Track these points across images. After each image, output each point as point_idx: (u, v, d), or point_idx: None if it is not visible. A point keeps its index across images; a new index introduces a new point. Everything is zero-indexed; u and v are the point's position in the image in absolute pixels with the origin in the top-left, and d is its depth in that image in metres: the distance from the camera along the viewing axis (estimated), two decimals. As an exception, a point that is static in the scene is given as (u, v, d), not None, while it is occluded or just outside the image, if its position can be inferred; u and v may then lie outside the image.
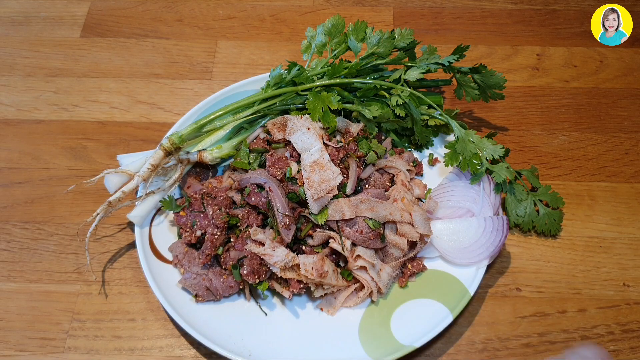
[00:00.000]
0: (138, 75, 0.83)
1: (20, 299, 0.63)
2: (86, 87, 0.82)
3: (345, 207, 0.58)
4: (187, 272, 0.60)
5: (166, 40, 0.87)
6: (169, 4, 0.92)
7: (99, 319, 0.62)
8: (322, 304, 0.60)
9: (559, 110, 0.80)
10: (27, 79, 0.83)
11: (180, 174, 0.65)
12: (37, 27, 0.89)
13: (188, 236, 0.60)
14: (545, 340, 0.61)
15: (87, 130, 0.77)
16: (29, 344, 0.60)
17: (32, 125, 0.78)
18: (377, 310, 0.60)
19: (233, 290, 0.59)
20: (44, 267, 0.66)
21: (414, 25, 0.90)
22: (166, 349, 0.60)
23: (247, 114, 0.68)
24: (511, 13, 0.92)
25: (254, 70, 0.84)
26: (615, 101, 0.81)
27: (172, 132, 0.67)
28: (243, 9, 0.92)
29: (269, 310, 0.60)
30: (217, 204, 0.61)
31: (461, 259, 0.61)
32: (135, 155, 0.67)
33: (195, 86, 0.82)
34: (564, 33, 0.89)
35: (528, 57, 0.86)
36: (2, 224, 0.69)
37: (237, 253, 0.58)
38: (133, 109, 0.80)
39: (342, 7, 0.92)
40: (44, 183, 0.72)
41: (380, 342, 0.57)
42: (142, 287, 0.64)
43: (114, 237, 0.68)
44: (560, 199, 0.67)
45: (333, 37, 0.71)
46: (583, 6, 0.93)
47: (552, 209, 0.67)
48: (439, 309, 0.58)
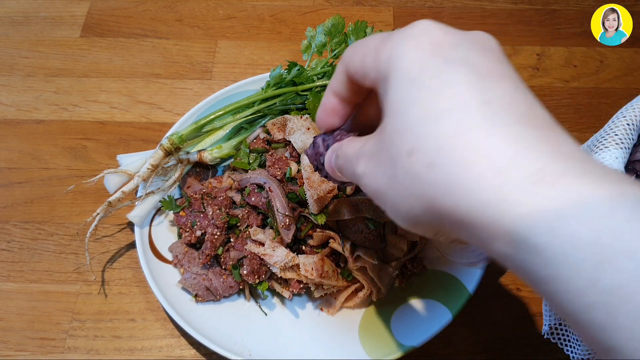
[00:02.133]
0: (138, 75, 0.83)
1: (20, 299, 0.63)
2: (86, 87, 0.82)
3: (346, 208, 0.58)
4: (187, 272, 0.60)
5: (166, 40, 0.87)
6: (168, 4, 0.92)
7: (98, 319, 0.62)
8: (322, 304, 0.60)
9: (559, 110, 0.80)
10: (27, 79, 0.83)
11: (180, 174, 0.65)
12: (37, 27, 0.89)
13: (188, 236, 0.60)
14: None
15: (87, 130, 0.77)
16: (28, 344, 0.60)
17: (32, 125, 0.78)
18: (377, 311, 0.60)
19: (233, 290, 0.59)
20: (43, 267, 0.66)
21: (414, 25, 0.90)
22: (166, 349, 0.60)
23: (247, 114, 0.68)
24: (511, 13, 0.92)
25: (254, 70, 0.84)
26: (616, 101, 0.80)
27: (172, 132, 0.66)
28: (243, 9, 0.92)
29: (269, 310, 0.60)
30: (217, 204, 0.61)
31: (461, 259, 0.61)
32: (135, 155, 0.67)
33: (195, 86, 0.82)
34: (564, 33, 0.89)
35: (528, 57, 0.86)
36: (2, 224, 0.69)
37: (237, 253, 0.58)
38: (133, 109, 0.79)
39: (342, 7, 0.92)
40: (43, 183, 0.72)
41: (380, 342, 0.57)
42: (142, 287, 0.64)
43: (114, 237, 0.68)
44: (560, 199, 0.67)
45: (333, 37, 0.71)
46: (583, 6, 0.93)
47: (552, 209, 0.67)
48: (439, 309, 0.58)
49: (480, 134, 0.26)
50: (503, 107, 0.26)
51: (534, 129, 0.26)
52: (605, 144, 0.47)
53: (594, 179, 0.24)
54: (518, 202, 0.24)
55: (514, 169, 0.24)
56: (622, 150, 0.46)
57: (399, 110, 0.29)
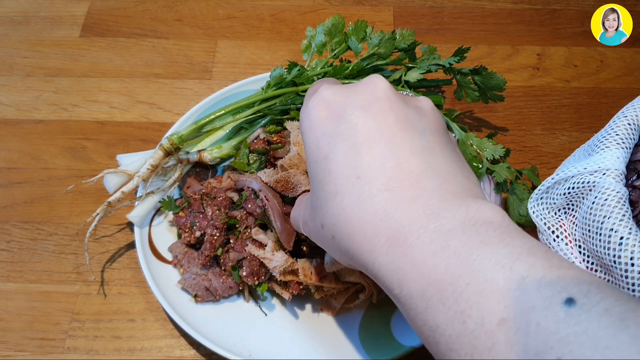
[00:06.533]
0: (138, 75, 0.83)
1: (19, 299, 0.63)
2: (86, 87, 0.82)
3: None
4: (187, 272, 0.60)
5: (166, 40, 0.87)
6: (168, 4, 0.92)
7: (98, 319, 0.62)
8: (322, 304, 0.60)
9: (560, 110, 0.80)
10: (26, 79, 0.83)
11: (180, 174, 0.65)
12: (36, 26, 0.89)
13: (187, 237, 0.60)
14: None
15: (86, 130, 0.77)
16: (28, 344, 0.60)
17: (31, 125, 0.78)
18: (378, 311, 0.60)
19: (232, 291, 0.59)
20: (43, 267, 0.66)
21: (414, 25, 0.90)
22: (166, 350, 0.60)
23: (247, 114, 0.68)
24: (511, 13, 0.92)
25: (254, 70, 0.84)
26: (616, 101, 0.80)
27: (171, 132, 0.66)
28: (243, 8, 0.92)
29: (268, 310, 0.60)
30: (216, 204, 0.60)
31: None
32: (135, 155, 0.67)
33: (195, 86, 0.82)
34: (565, 33, 0.89)
35: (528, 56, 0.86)
36: (2, 224, 0.69)
37: (237, 254, 0.58)
38: (133, 108, 0.79)
39: (342, 6, 0.92)
40: (43, 183, 0.72)
41: (380, 342, 0.57)
42: (142, 287, 0.64)
43: (114, 238, 0.68)
44: (560, 199, 0.67)
45: (333, 36, 0.71)
46: (583, 6, 0.93)
47: (553, 209, 0.67)
48: (439, 309, 0.58)
49: (355, 212, 0.31)
50: (371, 178, 0.31)
51: (400, 190, 0.31)
52: (606, 144, 0.47)
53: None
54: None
55: (377, 236, 0.30)
56: (624, 150, 0.46)
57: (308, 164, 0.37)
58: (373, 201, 0.30)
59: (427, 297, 0.27)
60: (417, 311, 0.28)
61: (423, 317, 0.28)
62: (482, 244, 0.27)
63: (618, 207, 0.42)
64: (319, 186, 0.34)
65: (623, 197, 0.43)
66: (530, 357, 0.23)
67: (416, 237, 0.28)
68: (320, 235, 0.35)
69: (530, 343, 0.23)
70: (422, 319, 0.28)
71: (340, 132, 0.33)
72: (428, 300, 0.27)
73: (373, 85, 0.35)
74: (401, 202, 0.30)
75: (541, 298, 0.24)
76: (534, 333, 0.23)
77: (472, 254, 0.27)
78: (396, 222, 0.29)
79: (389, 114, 0.33)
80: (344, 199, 0.32)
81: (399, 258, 0.29)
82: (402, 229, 0.29)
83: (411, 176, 0.31)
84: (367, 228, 0.30)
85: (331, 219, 0.33)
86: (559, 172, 0.50)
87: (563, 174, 0.49)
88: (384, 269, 0.30)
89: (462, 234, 0.28)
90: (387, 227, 0.29)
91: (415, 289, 0.28)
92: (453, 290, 0.26)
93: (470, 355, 0.26)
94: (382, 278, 0.30)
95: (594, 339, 0.22)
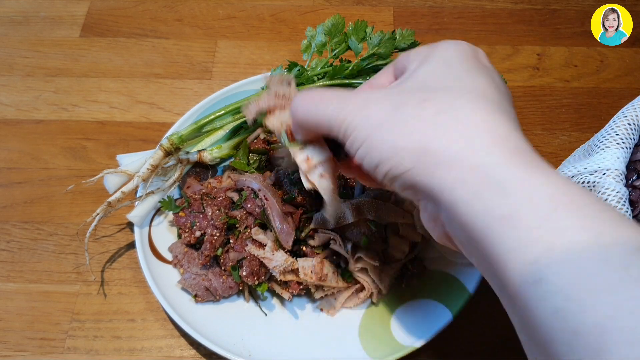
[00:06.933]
0: (138, 75, 0.83)
1: (19, 299, 0.63)
2: (86, 87, 0.82)
3: (348, 210, 0.58)
4: (187, 272, 0.60)
5: (166, 40, 0.87)
6: (168, 4, 0.92)
7: (98, 319, 0.62)
8: (322, 304, 0.60)
9: (560, 110, 0.80)
10: (26, 79, 0.83)
11: (180, 174, 0.65)
12: (36, 26, 0.89)
13: (187, 237, 0.60)
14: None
15: (86, 130, 0.77)
16: (28, 344, 0.60)
17: (31, 125, 0.78)
18: (378, 311, 0.60)
19: (232, 291, 0.59)
20: (43, 267, 0.66)
21: (414, 24, 0.90)
22: (166, 350, 0.60)
23: (247, 114, 0.68)
24: (511, 13, 0.92)
25: (254, 70, 0.84)
26: (616, 101, 0.80)
27: (171, 132, 0.66)
28: (243, 8, 0.92)
29: (268, 310, 0.60)
30: (216, 204, 0.60)
31: (461, 259, 0.61)
32: (135, 155, 0.67)
33: (195, 86, 0.82)
34: (565, 33, 0.89)
35: (528, 56, 0.86)
36: (2, 224, 0.69)
37: (237, 254, 0.58)
38: (133, 108, 0.79)
39: (342, 6, 0.92)
40: (43, 183, 0.72)
41: (380, 342, 0.57)
42: (142, 287, 0.64)
43: (114, 237, 0.68)
44: (560, 199, 0.67)
45: (333, 36, 0.71)
46: (583, 6, 0.93)
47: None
48: (439, 309, 0.58)
49: (485, 116, 0.31)
50: (503, 111, 0.32)
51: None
52: (606, 144, 0.47)
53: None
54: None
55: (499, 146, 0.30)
56: (624, 150, 0.46)
57: (430, 75, 0.34)
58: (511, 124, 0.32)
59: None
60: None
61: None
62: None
63: (618, 207, 0.42)
64: (443, 78, 0.34)
65: (623, 197, 0.43)
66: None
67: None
68: (407, 105, 0.32)
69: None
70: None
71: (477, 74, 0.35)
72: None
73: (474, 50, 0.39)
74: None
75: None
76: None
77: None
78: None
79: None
80: (479, 107, 0.32)
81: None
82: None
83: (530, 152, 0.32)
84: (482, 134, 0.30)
85: (450, 102, 0.32)
86: (559, 172, 0.50)
87: (563, 174, 0.49)
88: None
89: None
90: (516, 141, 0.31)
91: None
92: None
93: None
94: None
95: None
